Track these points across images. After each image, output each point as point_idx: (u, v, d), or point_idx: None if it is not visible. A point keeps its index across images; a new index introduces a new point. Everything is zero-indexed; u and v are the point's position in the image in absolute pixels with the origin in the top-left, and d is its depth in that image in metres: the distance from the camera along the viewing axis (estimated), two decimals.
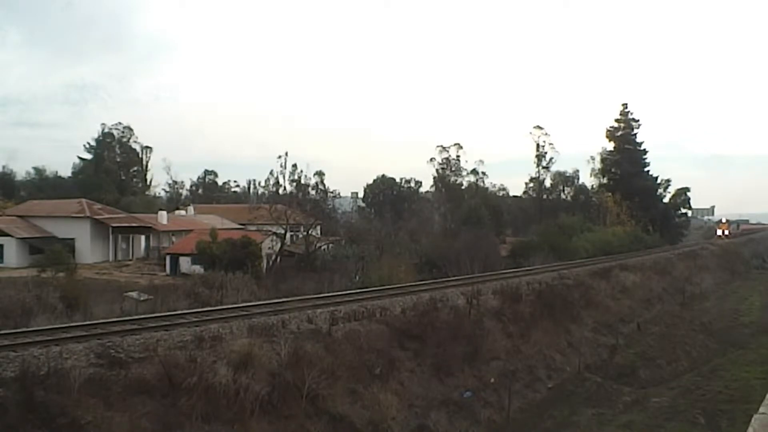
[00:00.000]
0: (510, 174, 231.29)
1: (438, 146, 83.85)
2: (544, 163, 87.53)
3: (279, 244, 47.26)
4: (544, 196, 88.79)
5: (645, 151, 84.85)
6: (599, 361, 27.86)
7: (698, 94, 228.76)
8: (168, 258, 47.31)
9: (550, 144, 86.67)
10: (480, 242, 46.63)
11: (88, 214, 51.50)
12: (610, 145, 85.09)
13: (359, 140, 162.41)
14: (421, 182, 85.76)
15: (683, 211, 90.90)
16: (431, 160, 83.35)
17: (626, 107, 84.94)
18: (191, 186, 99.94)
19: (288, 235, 49.76)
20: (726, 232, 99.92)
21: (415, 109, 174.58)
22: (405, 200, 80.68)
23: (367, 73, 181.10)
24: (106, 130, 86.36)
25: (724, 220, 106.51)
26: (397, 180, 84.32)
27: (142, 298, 27.46)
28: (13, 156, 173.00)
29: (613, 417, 20.23)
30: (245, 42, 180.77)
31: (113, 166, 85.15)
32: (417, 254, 44.95)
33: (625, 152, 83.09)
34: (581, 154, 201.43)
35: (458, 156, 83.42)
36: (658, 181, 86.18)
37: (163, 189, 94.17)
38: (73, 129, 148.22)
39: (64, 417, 12.45)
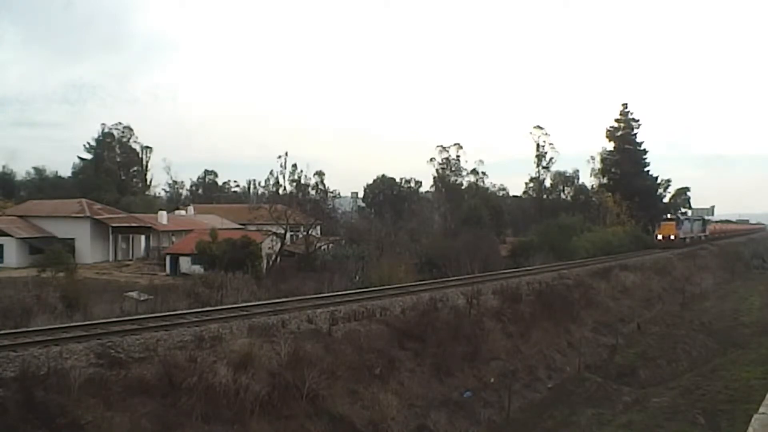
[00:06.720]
0: (510, 174, 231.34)
1: (438, 146, 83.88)
2: (544, 163, 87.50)
3: (279, 244, 47.24)
4: (544, 196, 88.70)
5: (645, 151, 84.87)
6: (599, 361, 27.82)
7: (698, 94, 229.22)
8: (168, 258, 47.37)
9: (550, 144, 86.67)
10: (480, 242, 46.62)
11: (88, 214, 51.53)
12: (610, 145, 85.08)
13: (359, 140, 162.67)
14: (421, 182, 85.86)
15: (683, 210, 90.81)
16: (431, 160, 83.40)
17: (626, 107, 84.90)
18: (191, 186, 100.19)
19: (288, 235, 49.76)
20: (672, 237, 64.37)
21: (415, 109, 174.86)
22: (405, 200, 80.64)
23: (367, 73, 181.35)
24: (106, 130, 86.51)
25: (668, 216, 73.60)
26: (397, 180, 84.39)
27: (142, 298, 27.49)
28: (13, 156, 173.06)
29: (613, 417, 20.19)
30: (245, 42, 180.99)
31: (113, 166, 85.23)
32: (417, 254, 44.90)
33: (625, 152, 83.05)
34: (581, 154, 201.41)
35: (458, 156, 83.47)
36: (658, 181, 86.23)
37: (163, 189, 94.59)
38: (72, 129, 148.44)
39: (64, 417, 12.45)
